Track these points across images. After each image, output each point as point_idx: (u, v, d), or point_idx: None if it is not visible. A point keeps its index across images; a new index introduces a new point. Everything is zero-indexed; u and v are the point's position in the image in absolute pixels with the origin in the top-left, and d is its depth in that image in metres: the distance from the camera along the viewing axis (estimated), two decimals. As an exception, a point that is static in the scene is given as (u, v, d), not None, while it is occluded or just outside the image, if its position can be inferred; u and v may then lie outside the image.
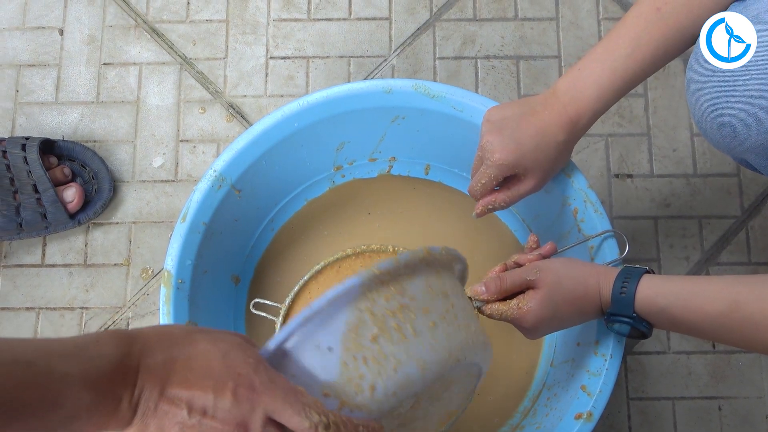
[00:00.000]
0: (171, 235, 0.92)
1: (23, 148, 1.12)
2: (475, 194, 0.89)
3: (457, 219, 1.09)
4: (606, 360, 0.86)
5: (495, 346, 1.00)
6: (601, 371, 0.86)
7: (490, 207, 0.89)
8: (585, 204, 0.92)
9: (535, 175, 0.86)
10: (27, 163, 1.12)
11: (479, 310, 0.84)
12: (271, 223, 1.08)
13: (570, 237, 0.95)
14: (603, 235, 0.90)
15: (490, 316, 0.83)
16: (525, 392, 1.02)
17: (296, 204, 1.10)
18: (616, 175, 1.19)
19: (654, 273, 0.78)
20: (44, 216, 1.13)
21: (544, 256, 0.86)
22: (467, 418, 0.99)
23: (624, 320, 0.77)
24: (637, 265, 0.79)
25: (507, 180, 0.88)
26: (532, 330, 0.80)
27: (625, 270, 0.78)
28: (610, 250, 0.90)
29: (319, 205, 1.10)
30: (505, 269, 0.85)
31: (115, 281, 1.16)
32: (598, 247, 0.91)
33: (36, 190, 1.12)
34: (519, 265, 0.85)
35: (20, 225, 1.12)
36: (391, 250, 0.86)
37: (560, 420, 0.87)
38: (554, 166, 0.87)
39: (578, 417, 0.85)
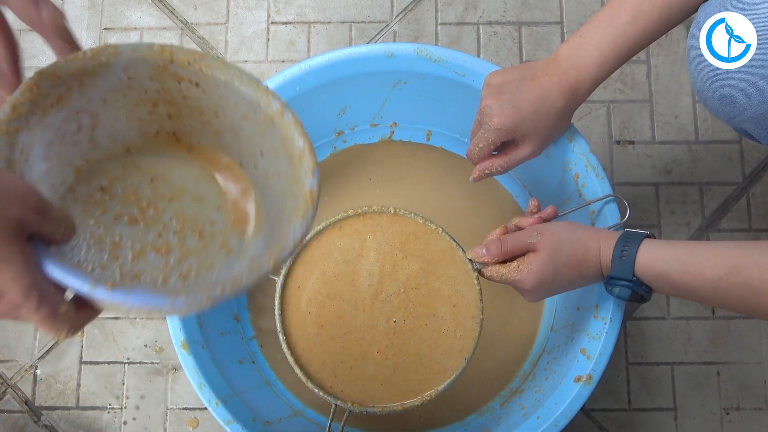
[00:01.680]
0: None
1: (24, 113, 1.12)
2: (472, 158, 0.90)
3: (458, 185, 1.08)
4: (606, 323, 0.87)
5: (495, 312, 1.02)
6: (600, 334, 0.87)
7: (487, 172, 0.89)
8: (586, 169, 0.92)
9: (533, 141, 0.86)
10: (28, 128, 1.11)
11: (479, 272, 0.84)
12: (272, 189, 1.08)
13: (571, 202, 0.95)
14: (604, 200, 0.90)
15: (490, 278, 0.83)
16: (525, 357, 1.03)
17: (297, 169, 1.10)
18: (618, 142, 1.19)
19: (655, 238, 0.78)
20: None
21: (545, 220, 0.86)
22: (465, 382, 0.99)
23: (624, 284, 0.77)
24: (638, 230, 0.79)
25: (505, 145, 0.88)
26: (533, 292, 0.81)
27: (626, 234, 0.78)
28: (611, 215, 0.90)
29: (320, 170, 1.08)
30: (506, 232, 0.85)
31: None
32: (599, 212, 0.91)
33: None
34: (520, 228, 0.85)
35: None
36: (392, 211, 0.87)
37: (560, 383, 0.88)
38: (552, 132, 0.87)
39: (578, 380, 0.86)
